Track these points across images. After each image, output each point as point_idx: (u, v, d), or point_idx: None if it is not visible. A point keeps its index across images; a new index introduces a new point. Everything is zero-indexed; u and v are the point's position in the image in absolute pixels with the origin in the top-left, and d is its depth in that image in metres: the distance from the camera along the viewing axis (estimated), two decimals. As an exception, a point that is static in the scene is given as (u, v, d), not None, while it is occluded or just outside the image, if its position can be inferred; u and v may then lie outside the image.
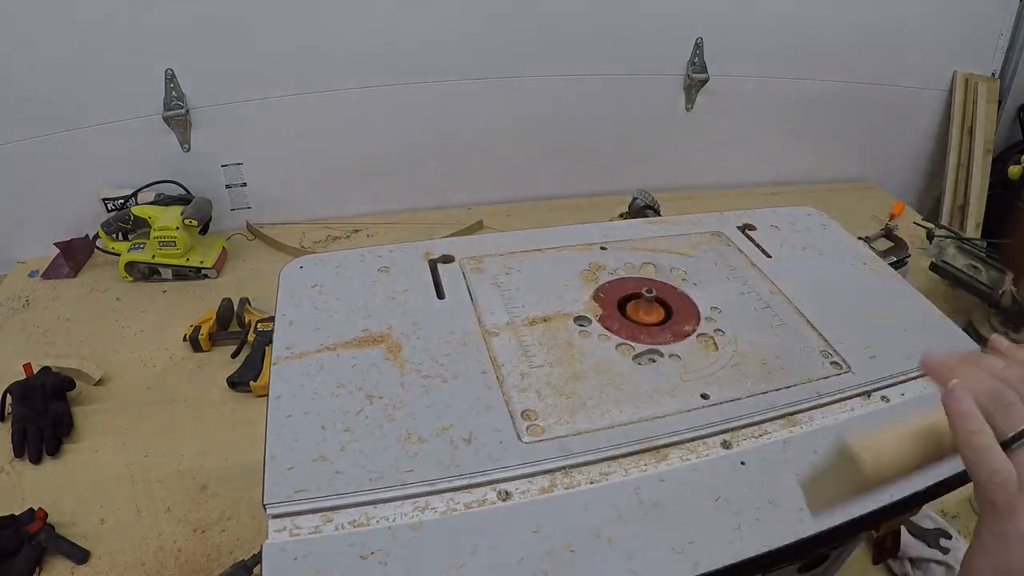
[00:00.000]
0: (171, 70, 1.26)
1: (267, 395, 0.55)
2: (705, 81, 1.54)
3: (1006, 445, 0.33)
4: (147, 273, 1.29)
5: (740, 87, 1.58)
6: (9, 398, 0.98)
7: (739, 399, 0.56)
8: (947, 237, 1.42)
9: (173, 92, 1.28)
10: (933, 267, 1.33)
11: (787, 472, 0.50)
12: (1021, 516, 0.31)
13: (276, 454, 0.49)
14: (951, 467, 0.49)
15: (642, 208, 1.35)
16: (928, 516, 0.86)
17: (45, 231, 1.32)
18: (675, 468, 0.50)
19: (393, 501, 0.46)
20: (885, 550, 0.69)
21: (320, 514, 0.45)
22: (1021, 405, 0.33)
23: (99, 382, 1.05)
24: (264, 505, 0.45)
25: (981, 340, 0.99)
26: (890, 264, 0.89)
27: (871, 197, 1.73)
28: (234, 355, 1.11)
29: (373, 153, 1.47)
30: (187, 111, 1.30)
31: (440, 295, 0.67)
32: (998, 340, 0.39)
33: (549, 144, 1.57)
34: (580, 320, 0.64)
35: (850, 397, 0.57)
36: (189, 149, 1.35)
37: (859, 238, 0.93)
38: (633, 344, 0.62)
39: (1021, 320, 1.23)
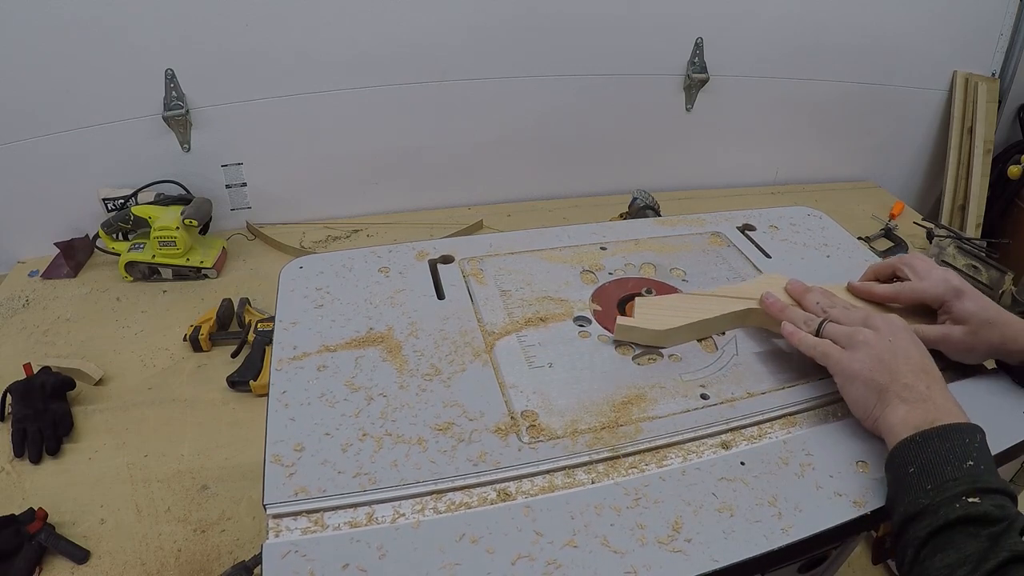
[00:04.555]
0: (171, 70, 1.26)
1: (267, 395, 0.55)
2: (705, 81, 1.54)
3: (816, 335, 0.57)
4: (147, 273, 1.29)
5: (740, 87, 1.58)
6: (9, 398, 0.98)
7: (739, 399, 0.56)
8: (947, 237, 1.42)
9: (173, 92, 1.28)
10: (933, 267, 1.33)
11: (786, 472, 0.50)
12: (834, 359, 0.54)
13: (276, 455, 0.49)
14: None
15: (642, 208, 1.35)
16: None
17: (45, 231, 1.32)
18: (675, 468, 0.50)
19: (392, 501, 0.46)
20: (885, 550, 0.69)
21: (320, 514, 0.45)
22: (817, 317, 0.58)
23: (99, 382, 1.05)
24: (264, 505, 0.46)
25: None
26: (890, 264, 0.89)
27: (871, 197, 1.73)
28: (234, 355, 1.11)
29: (373, 153, 1.47)
30: (187, 111, 1.30)
31: (440, 295, 0.67)
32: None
33: (549, 144, 1.57)
34: (580, 320, 0.64)
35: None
36: (189, 149, 1.35)
37: (859, 238, 0.93)
38: (633, 345, 0.62)
39: (1021, 320, 1.23)
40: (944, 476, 0.44)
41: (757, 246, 0.78)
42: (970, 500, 0.42)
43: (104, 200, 1.34)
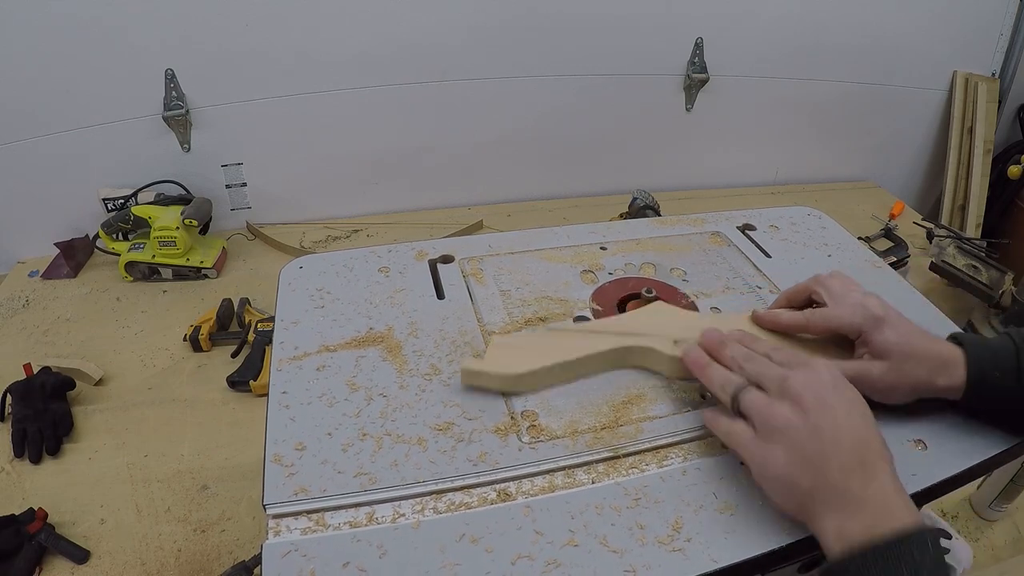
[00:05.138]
0: (171, 70, 1.26)
1: (267, 395, 0.55)
2: (705, 81, 1.54)
3: (734, 407, 0.48)
4: (147, 273, 1.29)
5: (740, 87, 1.58)
6: (9, 398, 0.98)
7: (739, 399, 0.56)
8: (947, 237, 1.42)
9: (173, 92, 1.28)
10: (933, 267, 1.34)
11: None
12: (748, 454, 0.46)
13: (276, 455, 0.49)
14: (952, 469, 0.49)
15: (642, 208, 1.35)
16: (928, 516, 0.86)
17: (45, 231, 1.32)
18: (675, 468, 0.50)
19: (392, 501, 0.46)
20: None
21: (320, 514, 0.45)
22: (738, 378, 0.48)
23: (99, 382, 1.05)
24: (264, 505, 0.46)
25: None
26: (890, 264, 0.89)
27: (871, 197, 1.73)
28: (234, 355, 1.11)
29: (373, 153, 1.47)
30: (187, 111, 1.30)
31: (440, 295, 0.67)
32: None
33: (549, 144, 1.57)
34: (580, 320, 0.64)
35: (850, 397, 0.57)
36: (189, 149, 1.36)
37: (859, 238, 0.93)
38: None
39: (1021, 320, 1.23)
40: None
41: (757, 246, 0.78)
42: None
43: (104, 200, 1.34)
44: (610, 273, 0.71)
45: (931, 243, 1.46)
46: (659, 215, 1.35)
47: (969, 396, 0.50)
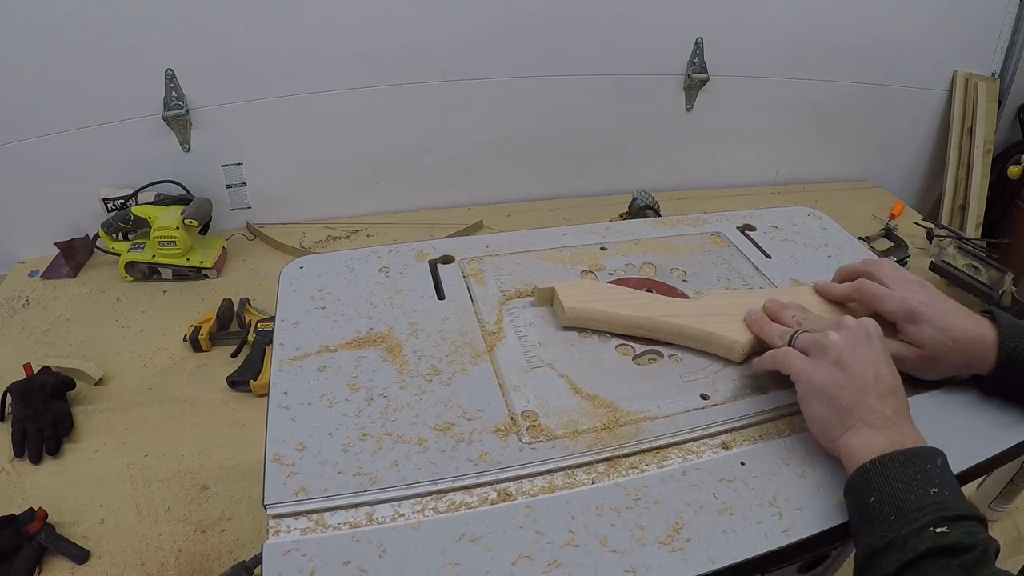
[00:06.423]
0: (171, 70, 1.26)
1: (267, 395, 0.55)
2: (705, 81, 1.54)
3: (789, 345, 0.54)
4: (147, 273, 1.29)
5: (740, 87, 1.58)
6: (9, 398, 0.98)
7: (739, 399, 0.56)
8: (947, 237, 1.42)
9: (173, 92, 1.28)
10: (933, 267, 1.34)
11: (787, 472, 0.50)
12: (795, 368, 0.51)
13: (276, 454, 0.49)
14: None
15: (642, 208, 1.35)
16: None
17: (45, 231, 1.32)
18: (675, 468, 0.50)
19: (392, 501, 0.46)
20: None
21: (320, 514, 0.45)
22: (792, 328, 0.56)
23: (99, 382, 1.05)
24: (264, 505, 0.46)
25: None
26: (890, 264, 0.89)
27: (871, 197, 1.73)
28: (234, 355, 1.11)
29: (373, 153, 1.47)
30: (187, 111, 1.30)
31: (440, 295, 0.67)
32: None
33: (549, 144, 1.57)
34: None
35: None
36: (189, 149, 1.35)
37: (859, 238, 0.93)
38: (633, 344, 0.62)
39: (1022, 320, 1.23)
40: (909, 506, 0.42)
41: (757, 246, 0.78)
42: (938, 531, 0.40)
43: (104, 200, 1.34)
44: (610, 273, 0.71)
45: (931, 243, 1.46)
46: (659, 215, 1.35)
47: (996, 377, 0.54)
